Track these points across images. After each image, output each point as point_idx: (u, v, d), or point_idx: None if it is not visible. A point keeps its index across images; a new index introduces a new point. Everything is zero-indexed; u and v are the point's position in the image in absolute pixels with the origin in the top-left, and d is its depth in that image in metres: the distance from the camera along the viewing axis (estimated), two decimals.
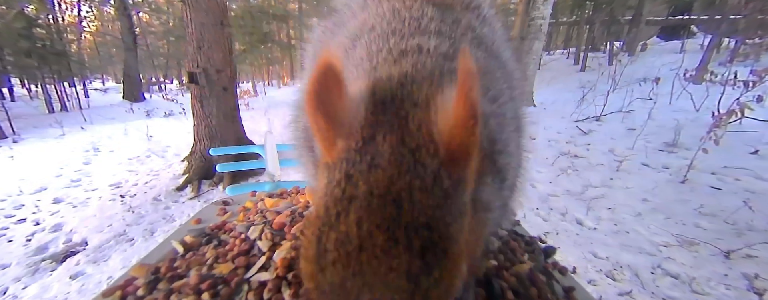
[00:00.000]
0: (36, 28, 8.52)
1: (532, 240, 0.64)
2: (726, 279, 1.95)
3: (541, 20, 5.72)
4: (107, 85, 19.71)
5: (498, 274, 0.52)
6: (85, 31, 14.34)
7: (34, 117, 7.85)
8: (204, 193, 3.66)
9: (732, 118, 3.15)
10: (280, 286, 0.49)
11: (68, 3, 12.49)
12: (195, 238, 0.63)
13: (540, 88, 7.22)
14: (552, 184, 3.32)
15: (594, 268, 2.13)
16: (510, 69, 0.49)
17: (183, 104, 9.01)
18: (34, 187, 3.77)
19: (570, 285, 0.53)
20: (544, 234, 2.51)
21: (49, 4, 9.49)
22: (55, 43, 9.03)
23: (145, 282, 0.51)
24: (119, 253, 2.61)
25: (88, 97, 11.32)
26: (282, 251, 0.56)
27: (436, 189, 0.24)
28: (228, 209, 0.80)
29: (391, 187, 0.24)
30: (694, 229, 2.42)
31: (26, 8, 8.18)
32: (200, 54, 3.72)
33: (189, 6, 3.60)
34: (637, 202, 2.84)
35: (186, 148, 4.36)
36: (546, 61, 10.93)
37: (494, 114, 0.37)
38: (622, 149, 3.88)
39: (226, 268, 0.53)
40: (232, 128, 4.15)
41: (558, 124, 5.05)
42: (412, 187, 0.24)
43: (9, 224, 3.01)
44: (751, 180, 2.92)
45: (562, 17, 11.39)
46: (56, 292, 2.19)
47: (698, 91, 4.94)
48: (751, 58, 5.84)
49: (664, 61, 7.08)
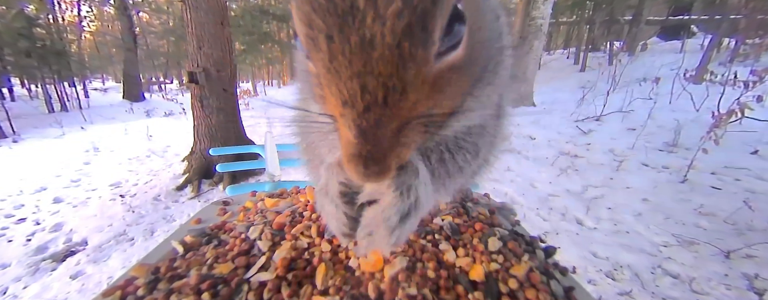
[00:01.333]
0: (36, 27, 8.52)
1: (532, 240, 0.64)
2: (726, 279, 1.95)
3: (541, 20, 5.72)
4: (107, 84, 19.71)
5: (498, 274, 0.52)
6: (85, 30, 14.34)
7: (34, 117, 7.85)
8: (204, 193, 3.67)
9: (732, 118, 3.15)
10: (280, 286, 0.49)
11: (68, 3, 12.49)
12: (195, 238, 0.63)
13: (540, 88, 7.21)
14: (552, 184, 3.32)
15: (594, 268, 2.13)
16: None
17: (183, 104, 9.02)
18: (34, 186, 3.77)
19: (570, 285, 0.53)
20: (544, 234, 2.51)
21: (49, 3, 9.49)
22: (55, 43, 9.04)
23: (145, 282, 0.51)
24: (119, 252, 2.61)
25: (88, 97, 11.32)
26: (282, 251, 0.56)
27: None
28: (228, 209, 0.80)
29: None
30: (694, 229, 2.42)
31: (26, 8, 8.18)
32: (200, 54, 3.73)
33: (189, 6, 3.60)
34: (637, 202, 2.84)
35: (186, 147, 4.36)
36: (546, 61, 10.93)
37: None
38: (622, 149, 3.88)
39: (226, 268, 0.53)
40: (232, 128, 4.15)
41: (558, 124, 5.05)
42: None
43: (9, 224, 3.01)
44: (751, 180, 2.92)
45: (562, 17, 11.39)
46: (56, 291, 2.19)
47: (698, 91, 4.94)
48: (751, 58, 5.83)
49: (664, 61, 7.08)
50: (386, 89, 0.26)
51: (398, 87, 0.27)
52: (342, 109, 0.28)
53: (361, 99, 0.27)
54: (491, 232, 0.61)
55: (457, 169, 0.45)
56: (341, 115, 0.28)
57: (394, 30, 0.25)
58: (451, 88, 0.30)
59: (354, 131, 0.28)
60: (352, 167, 0.29)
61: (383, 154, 0.28)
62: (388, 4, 0.25)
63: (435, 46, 0.27)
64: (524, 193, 3.17)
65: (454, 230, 0.61)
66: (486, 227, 0.63)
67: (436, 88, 0.29)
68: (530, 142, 4.42)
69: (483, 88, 0.35)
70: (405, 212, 0.35)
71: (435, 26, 0.26)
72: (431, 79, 0.28)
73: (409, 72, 0.27)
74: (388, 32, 0.25)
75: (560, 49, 13.55)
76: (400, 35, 0.25)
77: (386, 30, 0.25)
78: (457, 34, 0.29)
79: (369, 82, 0.26)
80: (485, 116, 0.44)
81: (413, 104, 0.28)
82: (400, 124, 0.28)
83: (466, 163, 0.46)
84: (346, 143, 0.29)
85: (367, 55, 0.26)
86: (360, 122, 0.27)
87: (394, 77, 0.26)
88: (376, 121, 0.27)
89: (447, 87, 0.30)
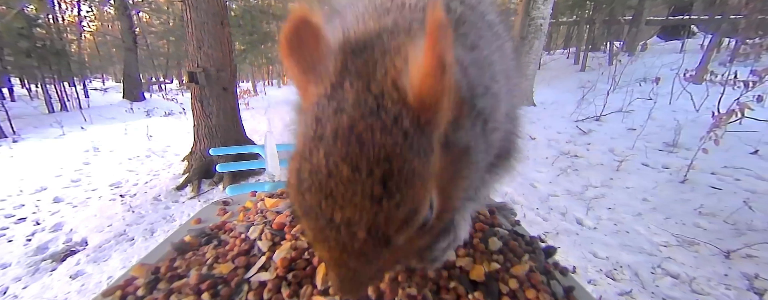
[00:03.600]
0: (36, 27, 8.51)
1: (533, 240, 0.64)
2: (726, 279, 1.95)
3: (541, 20, 5.72)
4: (107, 84, 19.68)
5: (498, 274, 0.52)
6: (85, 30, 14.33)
7: (34, 117, 7.85)
8: (204, 193, 3.67)
9: (732, 118, 3.15)
10: (280, 286, 0.49)
11: (68, 3, 12.48)
12: (195, 238, 0.63)
13: (540, 88, 7.21)
14: (552, 184, 3.32)
15: (594, 268, 2.13)
16: (492, 21, 0.49)
17: (183, 104, 9.01)
18: (34, 186, 3.77)
19: (570, 285, 0.53)
20: (544, 234, 2.51)
21: (49, 4, 9.48)
22: (55, 43, 9.03)
23: (145, 282, 0.51)
24: (119, 252, 2.61)
25: (88, 97, 11.30)
26: (282, 251, 0.55)
27: (396, 130, 0.27)
28: (228, 209, 0.80)
29: (354, 129, 0.27)
30: (694, 229, 2.42)
31: (26, 8, 8.17)
32: (200, 54, 3.73)
33: (189, 6, 3.60)
34: (637, 202, 2.85)
35: (186, 147, 4.36)
36: (546, 61, 10.92)
37: (474, 60, 0.38)
38: (622, 149, 3.88)
39: (226, 268, 0.53)
40: (232, 128, 4.15)
41: (558, 123, 5.06)
42: (373, 128, 0.27)
43: (9, 224, 3.01)
44: (751, 180, 2.92)
45: (562, 17, 11.36)
46: (56, 291, 2.19)
47: (698, 91, 4.94)
48: (751, 58, 5.82)
49: (664, 61, 7.07)
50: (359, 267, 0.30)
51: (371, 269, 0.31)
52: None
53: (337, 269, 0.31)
54: (491, 232, 0.61)
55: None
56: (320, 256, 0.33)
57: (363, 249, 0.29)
58: (427, 236, 0.34)
59: (332, 276, 0.32)
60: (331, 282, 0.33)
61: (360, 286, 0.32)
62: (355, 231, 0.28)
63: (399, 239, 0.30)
64: (524, 193, 3.17)
65: None
66: (486, 227, 0.63)
67: (410, 247, 0.33)
68: (530, 142, 4.42)
69: (472, 183, 0.38)
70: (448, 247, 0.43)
71: (399, 240, 0.30)
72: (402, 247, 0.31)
73: (379, 261, 0.30)
74: (357, 245, 0.28)
75: (560, 49, 13.53)
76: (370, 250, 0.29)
77: (356, 244, 0.28)
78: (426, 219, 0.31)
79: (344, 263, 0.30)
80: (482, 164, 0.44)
81: (388, 264, 0.32)
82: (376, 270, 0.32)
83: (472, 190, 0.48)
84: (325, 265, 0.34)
85: (341, 251, 0.29)
86: (338, 272, 0.31)
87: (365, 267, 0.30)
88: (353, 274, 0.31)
89: (421, 239, 0.33)
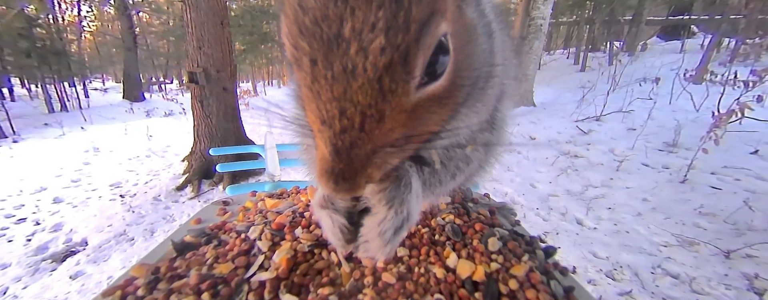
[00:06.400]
0: (36, 28, 8.51)
1: (533, 240, 0.64)
2: (726, 279, 1.95)
3: (541, 20, 5.72)
4: (107, 84, 19.67)
5: (498, 274, 0.52)
6: (85, 30, 14.34)
7: (34, 117, 7.85)
8: (204, 193, 3.67)
9: (732, 118, 3.15)
10: (279, 286, 0.49)
11: (68, 3, 12.48)
12: (195, 238, 0.63)
13: (540, 88, 7.21)
14: (552, 184, 3.32)
15: (594, 268, 2.13)
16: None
17: (183, 104, 9.02)
18: (34, 187, 3.77)
19: (570, 285, 0.53)
20: (544, 234, 2.51)
21: (49, 4, 9.48)
22: (55, 43, 9.02)
23: (145, 282, 0.51)
24: (119, 253, 2.61)
25: (88, 97, 11.30)
26: (282, 251, 0.55)
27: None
28: (228, 209, 0.80)
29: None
30: (694, 229, 2.42)
31: (26, 8, 8.17)
32: (200, 54, 3.73)
33: (189, 6, 3.60)
34: (637, 202, 2.84)
35: (186, 147, 4.36)
36: (546, 61, 10.92)
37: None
38: (622, 149, 3.88)
39: (226, 268, 0.53)
40: (232, 128, 4.15)
41: (558, 124, 5.06)
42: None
43: (9, 224, 3.01)
44: (751, 180, 2.91)
45: (562, 17, 11.36)
46: (56, 291, 2.19)
47: (698, 91, 4.94)
48: (751, 58, 5.83)
49: (664, 61, 7.07)
50: (363, 116, 0.27)
51: (375, 116, 0.27)
52: (320, 126, 0.29)
53: (338, 122, 0.28)
54: (491, 232, 0.61)
55: (449, 176, 0.46)
56: (319, 131, 0.29)
57: (376, 64, 0.26)
58: (430, 115, 0.31)
59: (329, 149, 0.29)
60: (323, 182, 0.30)
61: (355, 172, 0.29)
62: (372, 39, 0.25)
63: (415, 80, 0.28)
64: (524, 193, 3.17)
65: (456, 232, 0.61)
66: (486, 227, 0.63)
67: (415, 116, 0.30)
68: (530, 142, 4.42)
69: (469, 108, 0.36)
70: (399, 226, 0.36)
71: (416, 63, 0.27)
72: (410, 108, 0.29)
73: (388, 103, 0.27)
74: (369, 66, 0.26)
75: (560, 49, 13.53)
76: (382, 70, 0.26)
77: (368, 63, 0.26)
78: (440, 66, 0.29)
79: (347, 108, 0.27)
80: (474, 129, 0.44)
81: (390, 131, 0.29)
82: (375, 147, 0.29)
83: (459, 170, 0.46)
84: (321, 157, 0.30)
85: (347, 83, 0.26)
86: (335, 142, 0.28)
87: (372, 107, 0.27)
88: (351, 143, 0.28)
89: (426, 114, 0.31)
